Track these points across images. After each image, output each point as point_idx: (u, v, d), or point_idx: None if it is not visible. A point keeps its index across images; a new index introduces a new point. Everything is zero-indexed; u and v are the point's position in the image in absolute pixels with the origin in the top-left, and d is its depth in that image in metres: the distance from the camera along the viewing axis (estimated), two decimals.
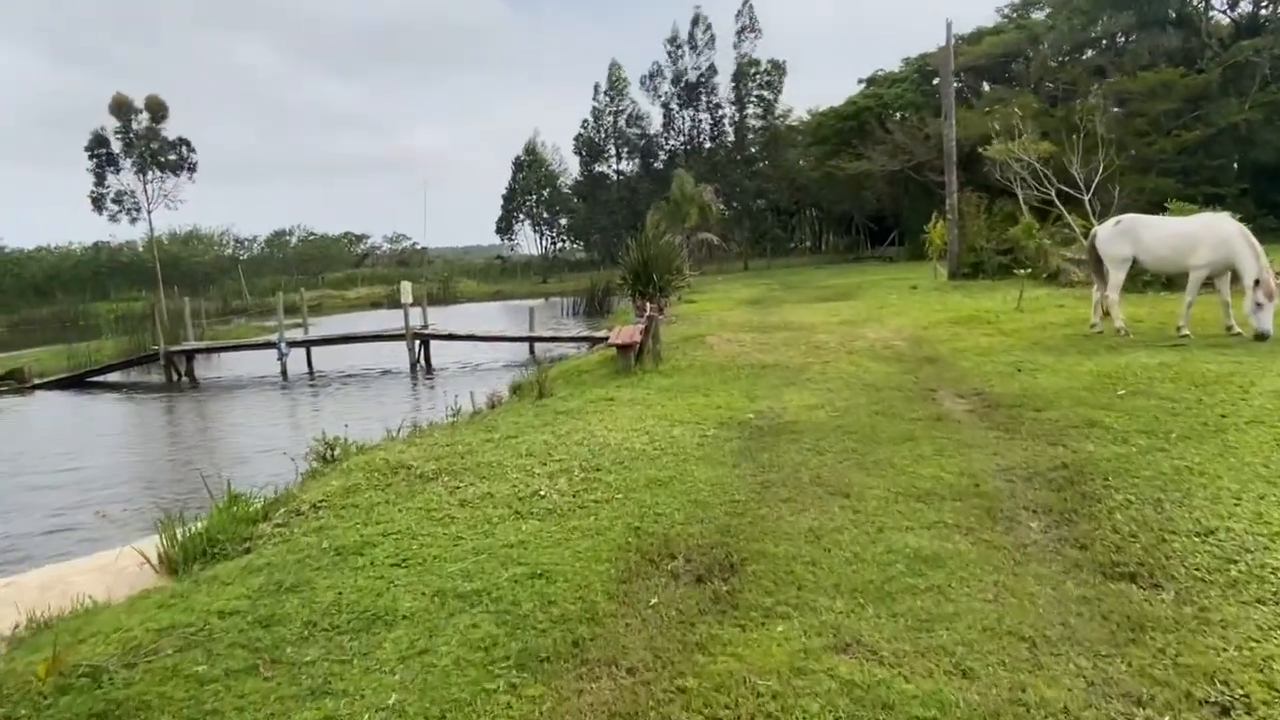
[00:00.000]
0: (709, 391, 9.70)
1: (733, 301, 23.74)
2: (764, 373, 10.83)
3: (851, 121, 46.41)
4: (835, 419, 7.75)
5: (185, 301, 23.76)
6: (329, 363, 21.71)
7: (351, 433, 8.93)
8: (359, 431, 9.31)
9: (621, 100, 55.86)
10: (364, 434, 9.33)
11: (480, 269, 67.92)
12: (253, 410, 17.06)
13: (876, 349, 11.96)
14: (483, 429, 8.52)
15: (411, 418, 12.87)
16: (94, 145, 35.05)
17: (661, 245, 19.78)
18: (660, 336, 12.89)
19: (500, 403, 11.66)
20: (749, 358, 12.06)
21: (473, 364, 20.19)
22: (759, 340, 13.71)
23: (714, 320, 18.48)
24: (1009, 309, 15.25)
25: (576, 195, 61.23)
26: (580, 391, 10.46)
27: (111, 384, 21.36)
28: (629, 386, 10.54)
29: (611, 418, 8.47)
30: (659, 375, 11.20)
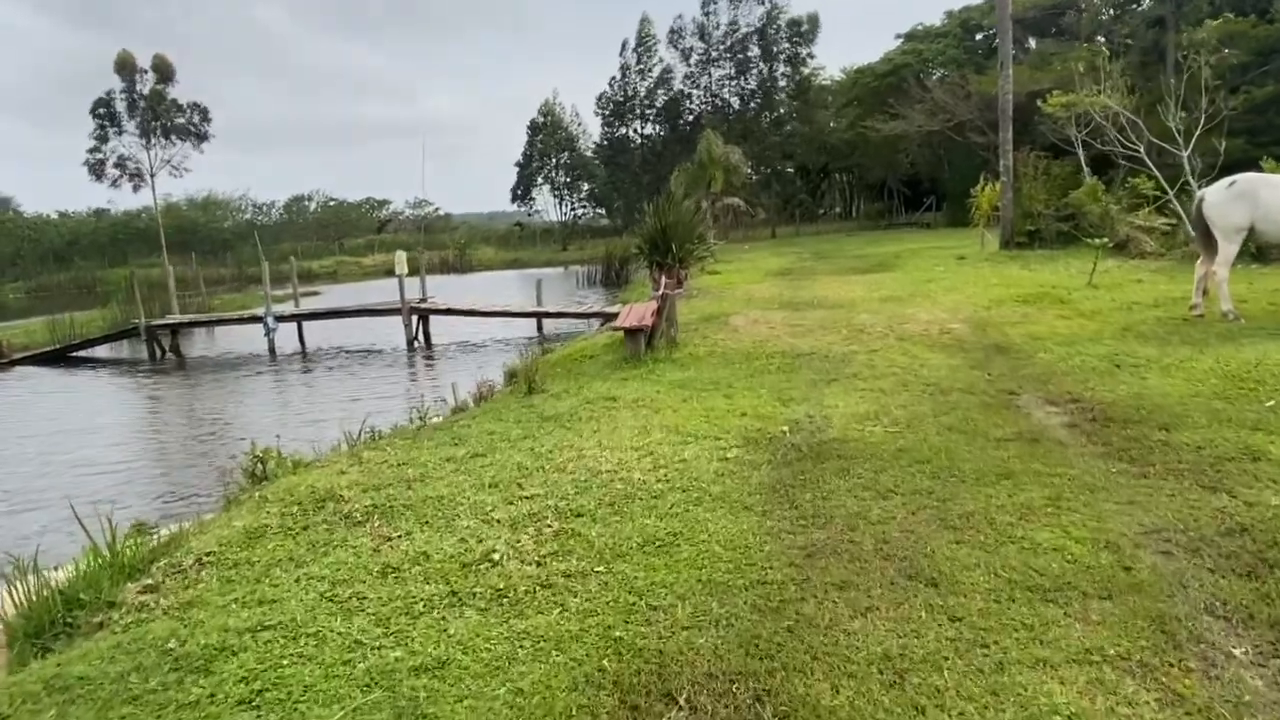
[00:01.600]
0: (732, 389, 7.93)
1: (760, 272, 21.80)
2: (798, 364, 9.04)
3: (889, 79, 43.73)
4: (895, 437, 5.97)
5: (170, 271, 22.32)
6: (322, 338, 20.20)
7: (325, 426, 7.35)
8: (335, 422, 7.71)
9: (650, 58, 53.27)
10: (335, 426, 7.74)
11: (501, 236, 66.17)
12: (228, 393, 15.58)
13: (932, 334, 10.09)
14: (449, 440, 6.84)
15: (390, 411, 11.30)
16: (98, 106, 33.51)
17: (682, 210, 17.88)
18: (676, 317, 11.11)
19: (489, 395, 9.99)
20: (780, 343, 10.26)
21: (476, 341, 18.57)
22: (791, 321, 11.89)
23: (739, 295, 16.61)
24: (1079, 284, 13.26)
25: (599, 159, 58.98)
26: (577, 387, 8.74)
27: (93, 360, 20.04)
28: (636, 380, 8.80)
29: (609, 428, 6.75)
30: (673, 365, 9.44)
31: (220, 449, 10.75)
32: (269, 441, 9.71)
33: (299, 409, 12.95)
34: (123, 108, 33.65)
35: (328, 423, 11.32)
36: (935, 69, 43.57)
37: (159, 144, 34.35)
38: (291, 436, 10.37)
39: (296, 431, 10.85)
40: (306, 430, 10.88)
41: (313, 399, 13.85)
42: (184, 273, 39.25)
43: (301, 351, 19.21)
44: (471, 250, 56.95)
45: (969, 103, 37.91)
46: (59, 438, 12.23)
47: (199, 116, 34.99)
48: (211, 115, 35.46)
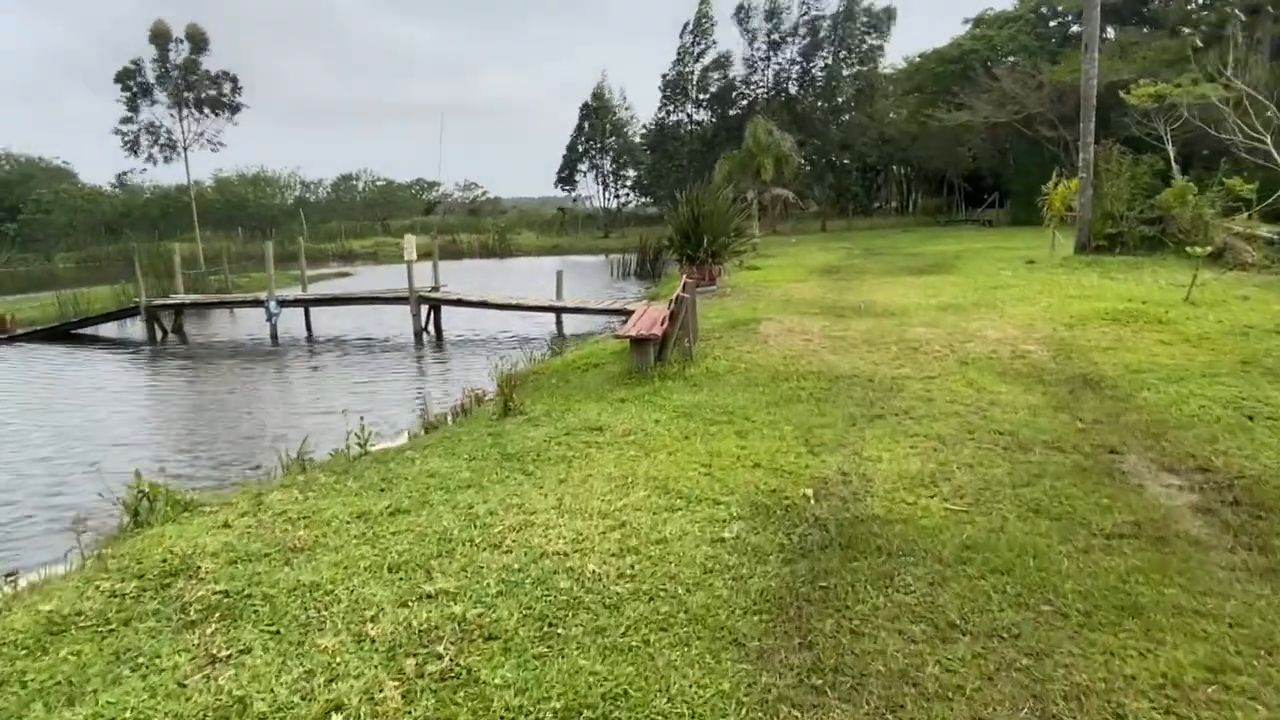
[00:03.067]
0: (748, 424, 6.35)
1: (804, 270, 20.02)
2: (836, 390, 7.40)
3: (954, 66, 41.20)
4: (960, 520, 4.33)
5: (175, 249, 21.36)
6: (330, 325, 19.01)
7: (288, 437, 5.96)
8: (300, 432, 6.34)
9: (706, 40, 51.24)
10: (299, 434, 6.35)
11: (545, 221, 64.96)
12: (212, 380, 14.38)
13: (1002, 357, 8.34)
14: (377, 482, 5.38)
15: (374, 412, 9.92)
16: (124, 76, 32.86)
17: (718, 200, 16.23)
18: (696, 324, 9.52)
19: (471, 408, 8.56)
20: (816, 361, 8.61)
21: (490, 335, 17.18)
22: (832, 331, 10.20)
23: (777, 295, 14.92)
24: (1175, 300, 11.31)
25: (647, 145, 57.23)
26: (563, 408, 7.22)
27: (95, 339, 19.17)
28: (636, 402, 7.25)
29: (580, 476, 5.23)
30: (684, 384, 7.86)
31: (137, 456, 9.51)
32: (218, 450, 8.41)
33: (276, 408, 11.66)
34: (153, 77, 32.96)
35: (290, 435, 10.00)
36: (1005, 57, 40.88)
37: (191, 115, 33.64)
38: (242, 451, 9.11)
39: (254, 443, 9.54)
40: (261, 442, 9.57)
41: (296, 396, 12.56)
42: (226, 248, 38.74)
43: (308, 338, 18.04)
44: (513, 235, 55.80)
45: (1040, 93, 35.41)
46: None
47: (230, 86, 34.18)
48: (242, 85, 34.63)
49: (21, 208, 62.04)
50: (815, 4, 48.67)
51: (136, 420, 11.44)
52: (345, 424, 9.58)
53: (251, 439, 9.66)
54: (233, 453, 9.16)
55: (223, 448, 9.48)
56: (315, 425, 10.06)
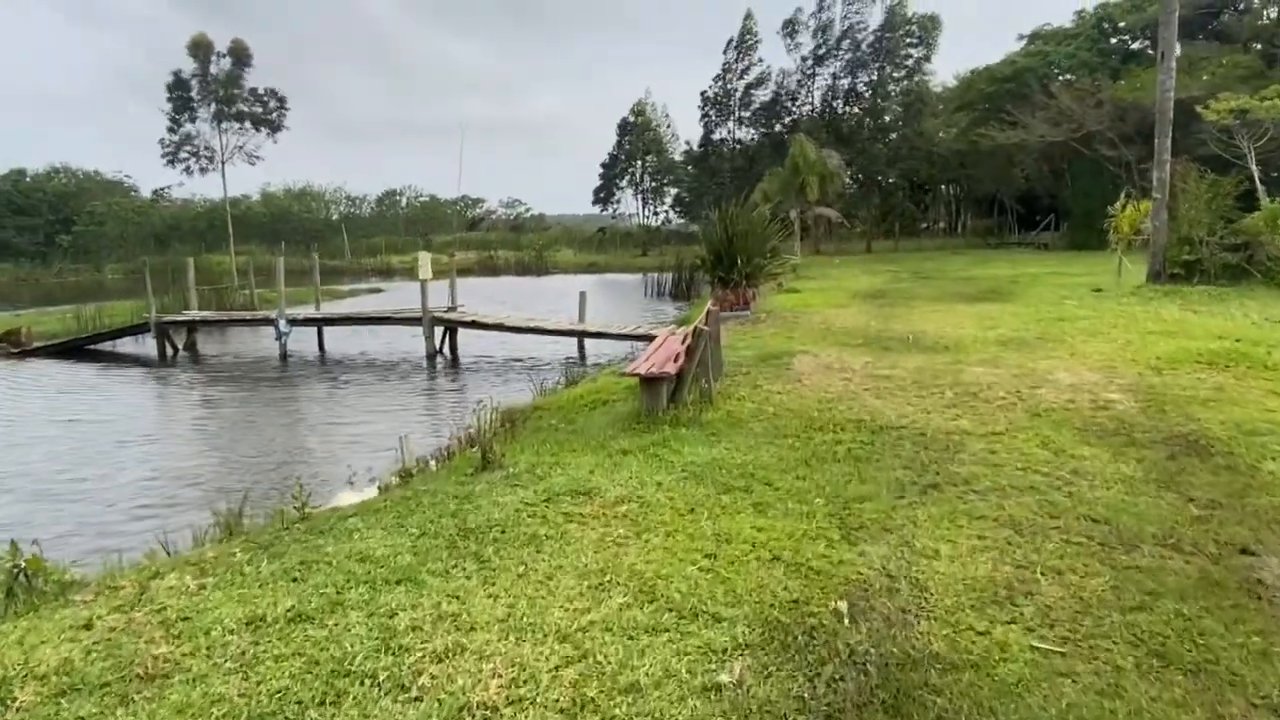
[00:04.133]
0: (769, 494, 5.15)
1: (847, 294, 18.72)
2: (879, 447, 6.17)
3: (1009, 84, 39.58)
4: (1053, 670, 3.09)
5: (189, 262, 20.79)
6: (344, 345, 18.21)
7: (265, 470, 4.98)
8: (292, 455, 5.37)
9: (750, 56, 50.23)
10: (284, 464, 5.37)
11: (585, 239, 64.36)
12: (203, 404, 13.65)
13: (1080, 408, 7.01)
14: (295, 565, 4.30)
15: (372, 441, 8.95)
16: (175, 88, 32.88)
17: (753, 218, 15.06)
18: (719, 359, 8.35)
19: (456, 451, 7.49)
20: (856, 406, 7.37)
21: (509, 358, 16.18)
22: (876, 369, 8.94)
23: (815, 323, 13.67)
24: (1276, 338, 9.83)
25: (688, 163, 56.31)
26: (551, 462, 6.08)
27: (106, 355, 18.63)
28: (638, 456, 6.10)
29: (547, 569, 4.09)
30: (698, 434, 6.68)
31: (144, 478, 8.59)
32: (169, 490, 7.46)
33: (255, 439, 10.69)
34: (196, 91, 32.92)
35: (260, 473, 9.06)
36: (1062, 73, 39.12)
37: (231, 129, 33.54)
38: (194, 493, 8.14)
39: (232, 476, 8.60)
40: (239, 475, 8.63)
41: (283, 426, 11.58)
42: (249, 262, 38.68)
43: (320, 358, 17.25)
44: (551, 253, 55.21)
45: (1100, 111, 33.70)
46: None
47: (276, 103, 34.02)
48: (289, 107, 34.49)
49: (76, 220, 63.29)
50: (859, 17, 47.39)
51: (88, 453, 10.59)
52: (309, 468, 8.66)
53: (202, 480, 8.70)
54: (186, 493, 8.22)
55: (172, 487, 8.56)
56: (289, 461, 9.13)
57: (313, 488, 7.95)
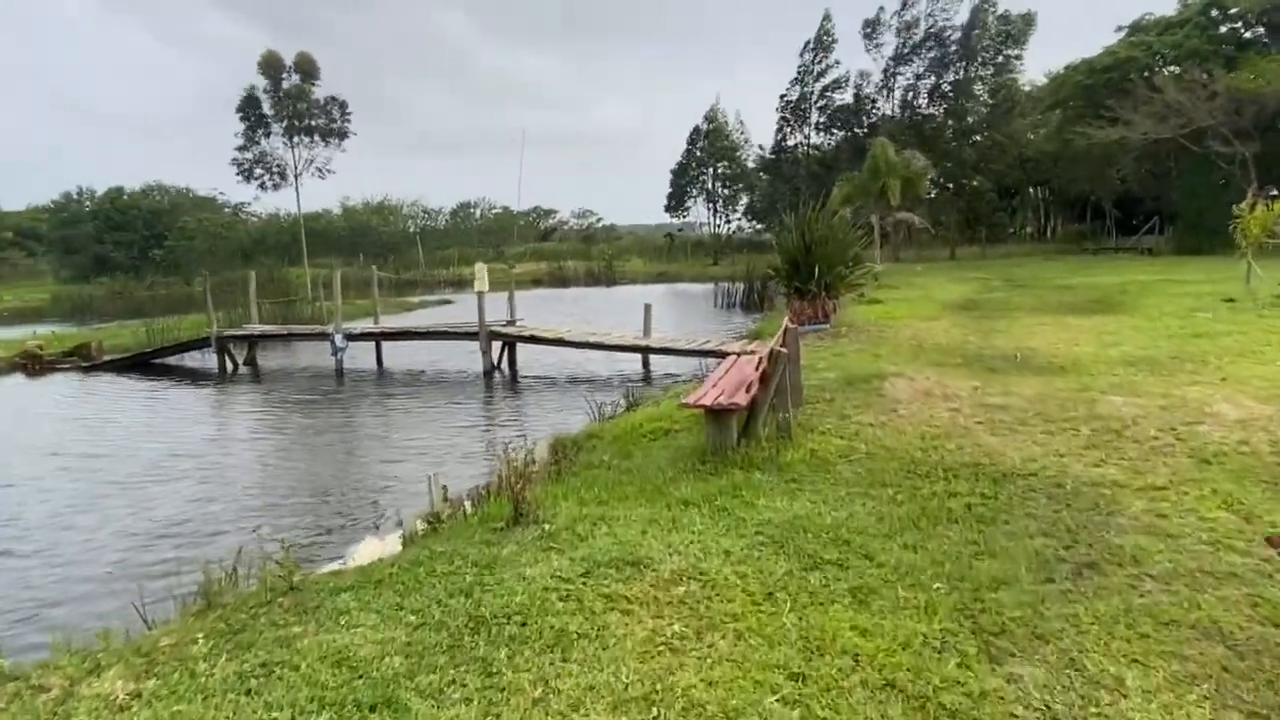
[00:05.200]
0: (870, 573, 3.98)
1: (936, 304, 17.18)
2: (1006, 502, 4.93)
3: (1108, 75, 36.97)
4: None
5: (251, 276, 20.57)
6: (401, 359, 17.56)
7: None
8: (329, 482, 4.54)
9: (827, 58, 48.53)
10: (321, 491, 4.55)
11: (655, 248, 63.54)
12: (250, 420, 13.14)
13: (1261, 453, 5.57)
14: (255, 668, 3.34)
15: (390, 487, 8.08)
16: (246, 105, 33.37)
17: (833, 224, 13.77)
18: (798, 384, 7.17)
19: (491, 494, 6.52)
20: (969, 445, 6.10)
21: (570, 374, 15.22)
22: (987, 395, 7.60)
23: (904, 338, 12.30)
24: None
25: (762, 169, 54.83)
26: (597, 515, 5.02)
27: (169, 369, 18.46)
28: (702, 510, 5.00)
29: (573, 691, 3.02)
30: (776, 480, 5.54)
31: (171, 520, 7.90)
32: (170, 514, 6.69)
33: (293, 464, 9.92)
34: (268, 107, 33.35)
35: (295, 502, 8.27)
36: (1168, 64, 36.30)
37: (302, 143, 33.86)
38: (244, 518, 7.34)
39: (252, 513, 7.83)
40: (261, 511, 7.85)
41: (323, 449, 10.78)
42: (348, 274, 39.12)
43: (377, 373, 16.64)
44: (620, 262, 54.49)
45: (1212, 104, 30.99)
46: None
47: (338, 111, 34.17)
48: (351, 111, 34.59)
49: (168, 235, 65.70)
50: (945, 15, 45.21)
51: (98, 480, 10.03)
52: (338, 502, 7.82)
53: (218, 510, 7.93)
54: (191, 527, 7.45)
55: (197, 520, 7.81)
56: (318, 495, 8.32)
57: (335, 529, 7.13)
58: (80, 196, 70.60)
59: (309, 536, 6.94)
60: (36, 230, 73.74)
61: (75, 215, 67.17)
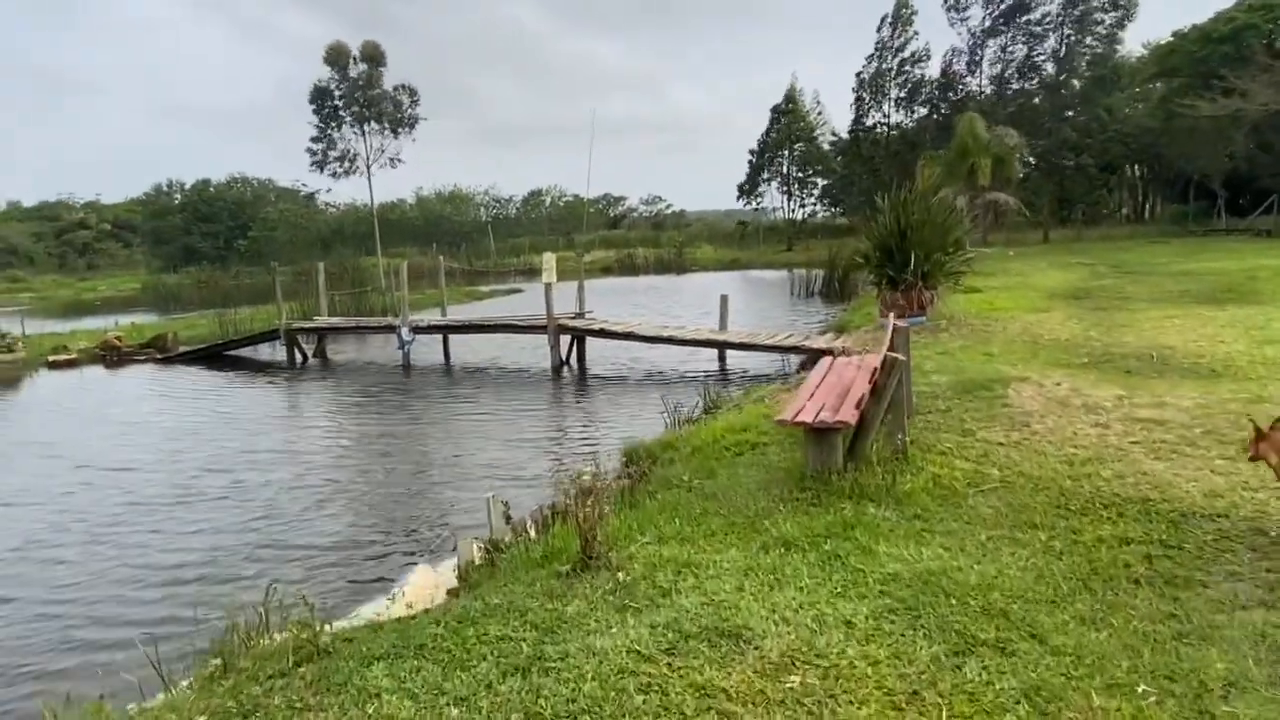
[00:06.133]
0: (1048, 664, 3.03)
1: (1040, 294, 15.74)
2: (1193, 552, 3.92)
3: (1224, 46, 34.13)
4: None
5: (320, 268, 20.32)
6: (469, 352, 17.00)
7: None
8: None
9: (907, 32, 46.26)
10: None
11: (725, 235, 62.18)
12: (312, 416, 12.81)
13: None
14: None
15: (441, 510, 7.41)
16: (318, 97, 33.52)
17: (933, 205, 12.54)
18: (911, 394, 6.18)
19: (561, 515, 5.73)
20: (1128, 472, 5.03)
21: (643, 369, 14.39)
22: (1136, 406, 6.44)
23: (1014, 332, 11.08)
24: None
25: (837, 151, 52.80)
26: (680, 559, 4.16)
27: (245, 360, 18.38)
28: (808, 555, 4.10)
29: None
30: (895, 516, 4.60)
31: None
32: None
33: (355, 473, 9.15)
34: (339, 99, 33.41)
35: (344, 518, 7.66)
36: None
37: (372, 131, 33.84)
38: (278, 536, 6.75)
39: (293, 531, 7.25)
40: (304, 528, 7.27)
41: (394, 453, 10.04)
42: (421, 263, 39.22)
43: (445, 366, 16.11)
44: (691, 249, 53.38)
45: None
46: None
47: (407, 98, 34.01)
48: (419, 97, 34.32)
49: (252, 226, 67.45)
50: None
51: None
52: (391, 518, 7.16)
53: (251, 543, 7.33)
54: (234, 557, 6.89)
55: (233, 545, 7.26)
56: (369, 508, 7.69)
57: (387, 552, 6.46)
58: (170, 189, 72.98)
59: (358, 560, 6.30)
60: (132, 222, 76.77)
61: (165, 207, 69.52)
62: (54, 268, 70.87)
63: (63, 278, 64.42)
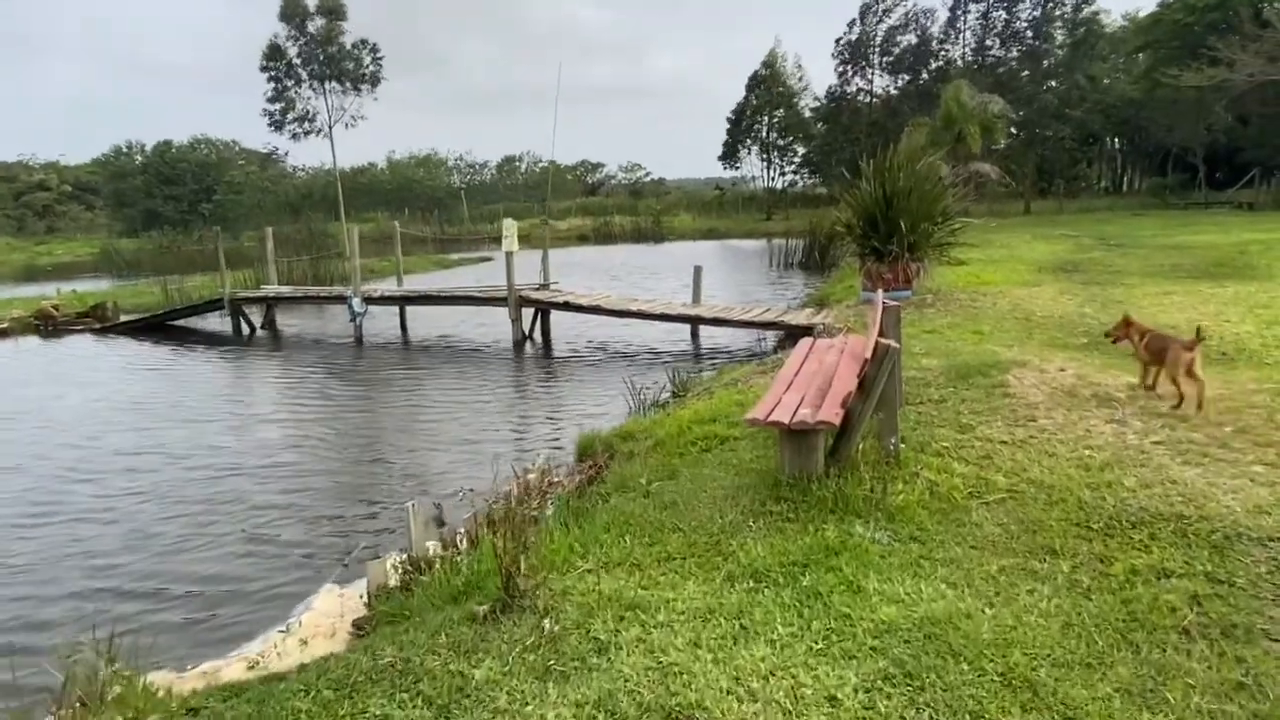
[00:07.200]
0: None
1: (1028, 267, 15.05)
2: (1245, 587, 3.19)
3: (1210, 14, 33.49)
4: None
5: (268, 233, 19.13)
6: (429, 324, 16.02)
7: None
8: None
9: None
10: None
11: (704, 203, 60.99)
12: (247, 396, 11.74)
13: None
14: None
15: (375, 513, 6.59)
16: (270, 56, 31.81)
17: (919, 173, 11.73)
18: (900, 391, 5.41)
19: (499, 520, 4.92)
20: (1154, 480, 4.30)
21: (610, 346, 13.55)
22: (1149, 396, 5.72)
23: (1004, 309, 10.39)
24: None
25: (817, 118, 51.67)
26: (626, 597, 3.39)
27: (190, 330, 17.26)
28: (779, 594, 3.34)
29: None
30: (887, 541, 3.84)
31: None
32: None
33: (282, 468, 8.12)
34: (295, 55, 31.74)
35: (256, 523, 6.78)
36: None
37: (333, 90, 32.30)
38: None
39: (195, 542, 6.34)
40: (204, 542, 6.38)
41: (328, 445, 8.96)
42: (392, 229, 37.86)
43: (402, 341, 15.14)
44: (668, 218, 52.26)
45: None
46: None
47: (369, 55, 32.46)
48: (382, 54, 32.72)
49: (217, 189, 65.18)
50: None
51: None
52: (308, 523, 6.24)
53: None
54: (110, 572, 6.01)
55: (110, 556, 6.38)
56: (284, 515, 6.77)
57: (296, 564, 5.62)
58: (130, 150, 70.28)
59: (256, 579, 5.39)
60: (94, 184, 73.94)
61: (124, 169, 66.97)
62: (11, 231, 68.13)
63: (17, 241, 61.86)
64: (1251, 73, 30.06)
